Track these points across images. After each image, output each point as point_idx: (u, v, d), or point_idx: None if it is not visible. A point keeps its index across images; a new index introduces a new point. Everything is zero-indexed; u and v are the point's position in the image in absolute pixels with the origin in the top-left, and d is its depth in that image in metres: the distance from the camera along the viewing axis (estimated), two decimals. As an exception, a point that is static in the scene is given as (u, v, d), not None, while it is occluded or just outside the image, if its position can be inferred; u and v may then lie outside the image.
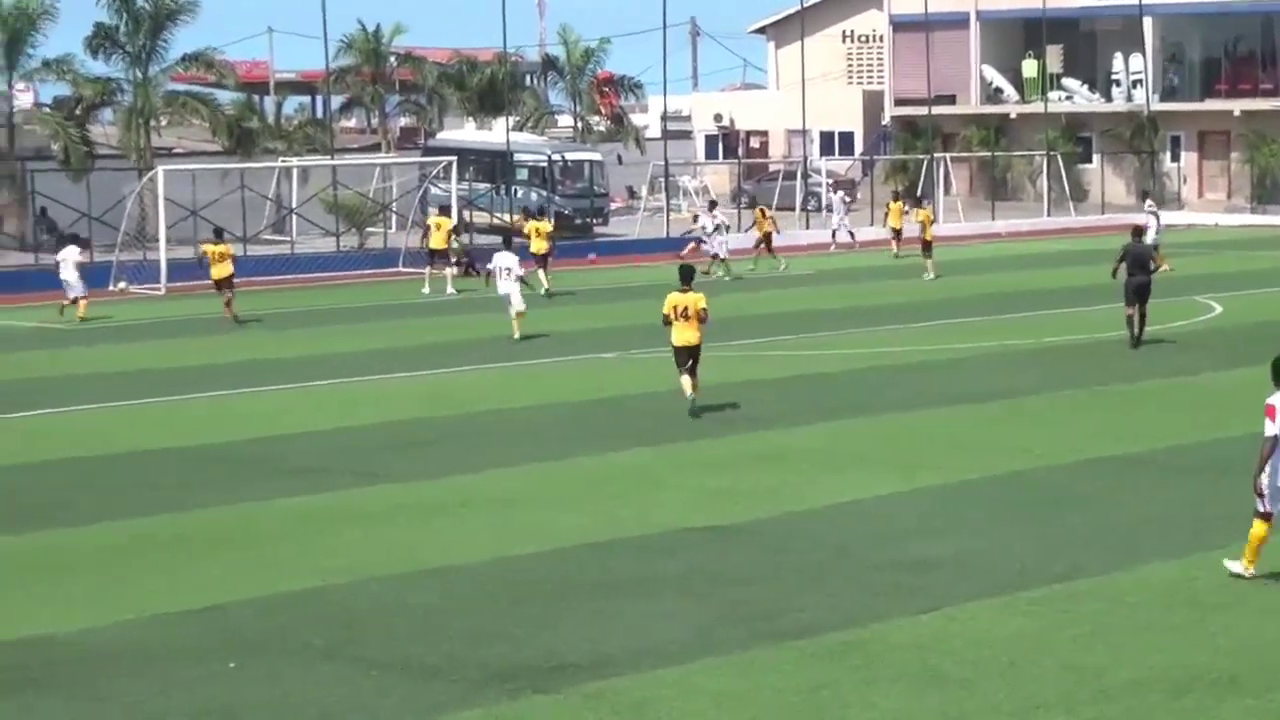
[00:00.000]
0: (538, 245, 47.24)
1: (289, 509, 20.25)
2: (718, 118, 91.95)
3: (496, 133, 72.78)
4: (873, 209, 70.29)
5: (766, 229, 54.94)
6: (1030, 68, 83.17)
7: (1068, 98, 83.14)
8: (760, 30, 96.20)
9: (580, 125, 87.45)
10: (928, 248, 50.30)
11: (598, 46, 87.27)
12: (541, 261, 46.54)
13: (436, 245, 48.52)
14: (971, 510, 19.71)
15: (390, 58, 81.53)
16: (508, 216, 60.74)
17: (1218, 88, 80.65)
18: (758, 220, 56.33)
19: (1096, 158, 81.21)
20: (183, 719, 12.94)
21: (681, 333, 26.17)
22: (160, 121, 67.59)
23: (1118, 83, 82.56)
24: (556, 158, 69.81)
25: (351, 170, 63.69)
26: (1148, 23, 79.68)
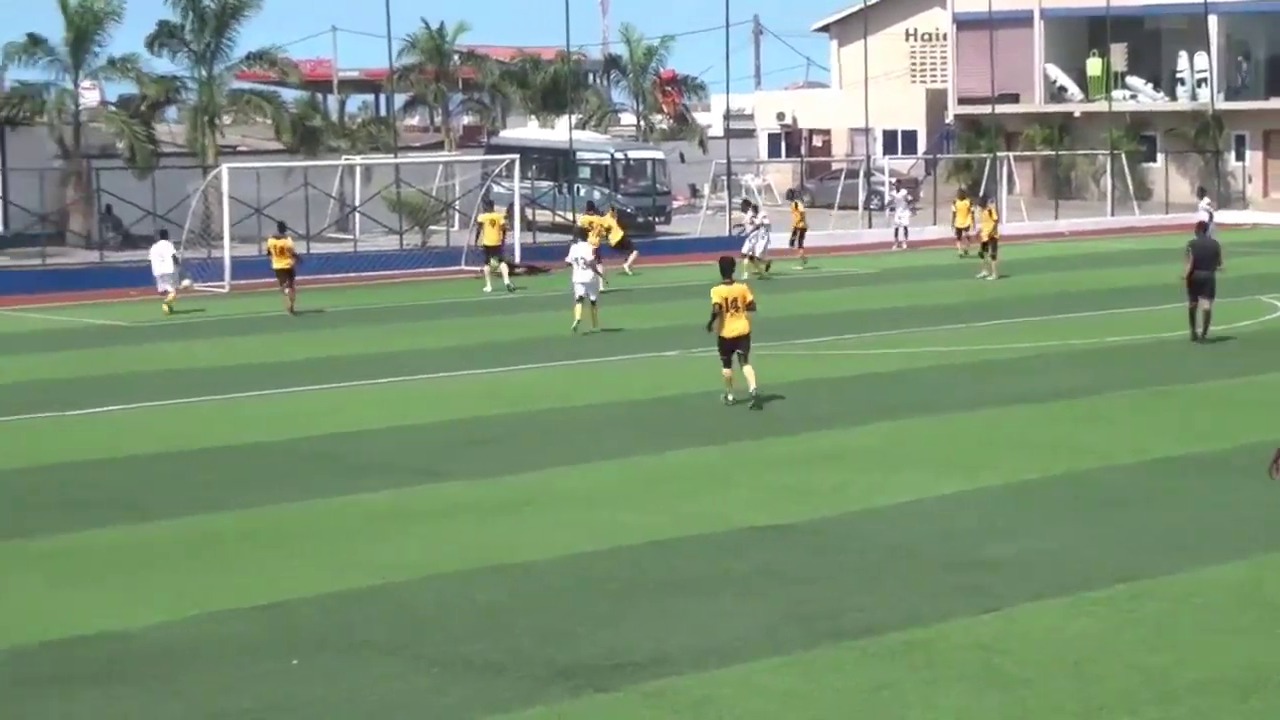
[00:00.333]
0: (613, 238, 50.98)
1: (351, 506, 20.32)
2: (780, 116, 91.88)
3: (559, 131, 72.83)
4: (935, 208, 70.10)
5: (798, 224, 55.35)
6: (1094, 66, 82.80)
7: (1132, 96, 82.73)
8: (823, 29, 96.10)
9: (643, 124, 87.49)
10: (991, 247, 49.76)
11: (660, 45, 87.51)
12: (623, 248, 51.76)
13: (490, 242, 48.69)
14: (1033, 510, 19.64)
15: (453, 56, 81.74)
16: (570, 215, 60.88)
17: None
18: (793, 214, 56.52)
19: (1161, 157, 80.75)
20: (247, 715, 13.03)
21: (732, 324, 26.29)
22: (224, 120, 67.88)
23: (1182, 81, 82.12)
24: (619, 156, 69.84)
25: (414, 168, 63.93)
26: (1213, 21, 79.25)
